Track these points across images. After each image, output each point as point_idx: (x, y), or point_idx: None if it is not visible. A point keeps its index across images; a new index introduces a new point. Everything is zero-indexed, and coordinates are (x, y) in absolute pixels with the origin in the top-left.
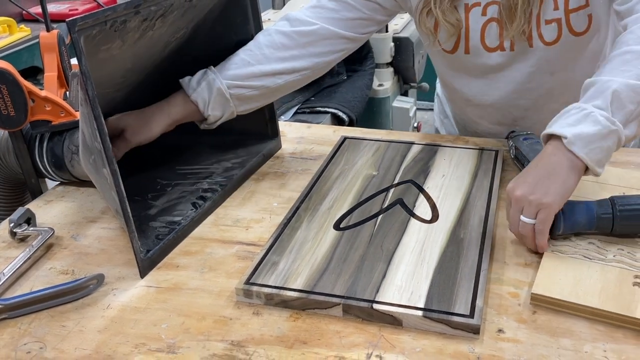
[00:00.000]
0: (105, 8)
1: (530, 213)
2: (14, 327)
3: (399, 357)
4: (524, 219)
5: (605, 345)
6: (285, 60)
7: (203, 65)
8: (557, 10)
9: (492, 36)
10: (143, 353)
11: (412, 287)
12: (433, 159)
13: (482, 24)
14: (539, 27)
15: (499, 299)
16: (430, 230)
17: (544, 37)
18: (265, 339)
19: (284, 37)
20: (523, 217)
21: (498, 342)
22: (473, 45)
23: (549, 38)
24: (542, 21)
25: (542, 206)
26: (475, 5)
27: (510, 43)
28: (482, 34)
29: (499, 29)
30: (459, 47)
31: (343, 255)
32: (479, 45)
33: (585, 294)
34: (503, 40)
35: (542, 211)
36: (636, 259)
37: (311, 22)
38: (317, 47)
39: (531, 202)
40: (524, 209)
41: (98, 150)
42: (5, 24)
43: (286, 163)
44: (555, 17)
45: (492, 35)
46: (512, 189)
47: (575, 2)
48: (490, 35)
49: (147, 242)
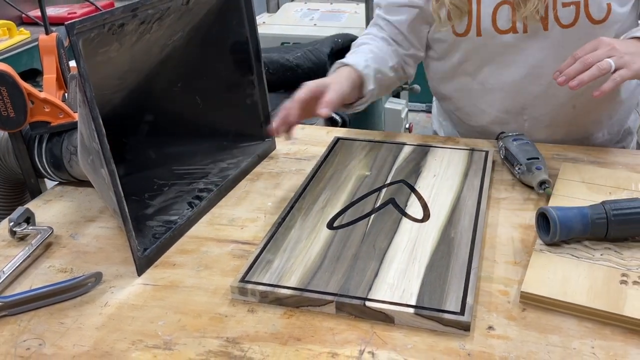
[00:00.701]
0: (103, 12)
1: (618, 62)
2: (13, 324)
3: (391, 353)
4: (610, 61)
5: (594, 342)
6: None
7: (199, 67)
8: None
9: (504, 18)
10: (140, 350)
11: (403, 285)
12: (424, 160)
13: (494, 7)
14: (556, 9)
15: (489, 297)
16: (421, 229)
17: (560, 19)
18: (259, 335)
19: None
20: (610, 60)
21: (488, 339)
22: (484, 27)
23: (565, 21)
24: (560, 3)
25: (628, 65)
26: None
27: (523, 25)
28: (494, 16)
29: (511, 11)
30: (470, 30)
31: (336, 254)
32: (490, 27)
33: (573, 292)
34: (516, 21)
35: (625, 69)
36: (623, 258)
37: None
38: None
39: (623, 55)
40: (614, 58)
41: (96, 151)
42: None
43: (280, 163)
44: (574, 0)
45: (503, 18)
46: (611, 41)
47: None
48: (501, 17)
49: (144, 240)
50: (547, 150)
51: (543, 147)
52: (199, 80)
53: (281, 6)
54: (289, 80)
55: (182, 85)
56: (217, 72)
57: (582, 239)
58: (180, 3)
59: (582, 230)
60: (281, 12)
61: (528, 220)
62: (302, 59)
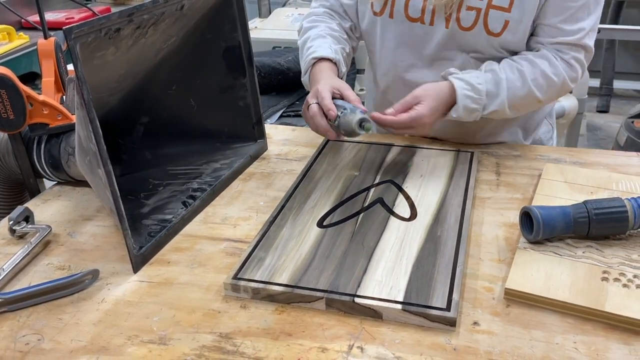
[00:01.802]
0: (100, 17)
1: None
2: (13, 319)
3: (379, 348)
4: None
5: (575, 337)
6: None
7: (193, 71)
8: (482, 0)
9: (415, 7)
10: (136, 344)
11: (391, 282)
12: (411, 160)
13: None
14: (460, 11)
15: (474, 293)
16: (409, 227)
17: (461, 21)
18: (252, 331)
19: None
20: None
21: (473, 334)
22: (397, 11)
23: (465, 23)
24: (465, 6)
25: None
26: None
27: (430, 18)
28: (407, 2)
29: (423, 1)
30: (385, 10)
31: (326, 252)
32: (402, 12)
33: (556, 289)
34: (425, 12)
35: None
36: (604, 256)
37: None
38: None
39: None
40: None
41: (93, 152)
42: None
43: (272, 164)
44: (477, 6)
45: (415, 6)
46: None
47: (499, 0)
48: (414, 4)
49: (140, 239)
50: (529, 151)
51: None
52: (193, 83)
53: (273, 11)
54: (280, 83)
55: (177, 88)
56: (211, 75)
57: (565, 237)
58: (175, 8)
59: (565, 229)
60: (273, 17)
61: (512, 219)
62: (292, 63)
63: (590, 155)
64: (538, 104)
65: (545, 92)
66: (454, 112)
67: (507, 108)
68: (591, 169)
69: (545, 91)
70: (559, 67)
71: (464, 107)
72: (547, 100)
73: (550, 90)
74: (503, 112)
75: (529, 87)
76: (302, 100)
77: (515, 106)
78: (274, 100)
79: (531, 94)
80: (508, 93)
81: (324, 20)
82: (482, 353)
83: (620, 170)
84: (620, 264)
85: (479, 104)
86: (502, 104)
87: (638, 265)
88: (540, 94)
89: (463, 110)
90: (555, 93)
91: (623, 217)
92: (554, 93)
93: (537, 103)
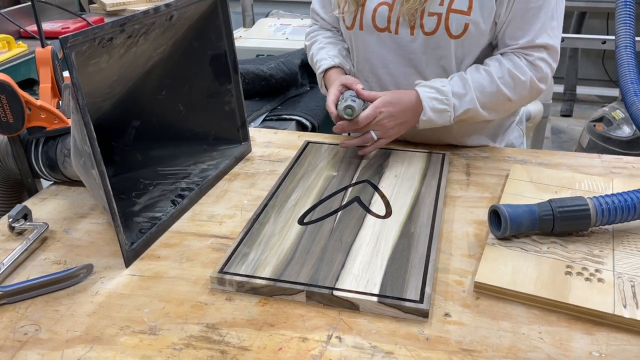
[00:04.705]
0: (94, 26)
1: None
2: (12, 311)
3: (356, 338)
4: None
5: (541, 327)
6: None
7: (181, 77)
8: (442, 6)
9: (382, 17)
10: (128, 334)
11: (368, 276)
12: (387, 161)
13: (376, 5)
14: (422, 18)
15: (445, 287)
16: (384, 225)
17: (424, 26)
18: (237, 322)
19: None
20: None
21: (445, 324)
22: (366, 22)
23: (428, 29)
24: (427, 12)
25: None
26: None
27: (395, 26)
28: (374, 13)
29: (388, 12)
30: (355, 24)
31: (306, 247)
32: (370, 23)
33: (522, 282)
34: (390, 22)
35: (384, 140)
36: (568, 251)
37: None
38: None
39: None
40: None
41: (87, 154)
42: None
43: (256, 165)
44: (438, 11)
45: (381, 16)
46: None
47: (459, 4)
48: (380, 15)
49: (132, 235)
50: (498, 152)
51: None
52: (181, 89)
53: (256, 22)
54: (263, 89)
55: (166, 94)
56: (198, 81)
57: (531, 234)
58: (164, 19)
59: (531, 226)
60: (256, 27)
61: (481, 216)
62: (275, 70)
63: (555, 157)
64: (509, 102)
65: (514, 90)
66: (423, 115)
67: (479, 106)
68: (555, 169)
69: (514, 89)
70: (524, 67)
71: (431, 109)
72: (518, 101)
73: (518, 88)
74: (476, 112)
75: (497, 85)
76: (285, 104)
77: (486, 105)
78: (258, 105)
79: (500, 92)
80: (476, 91)
81: (320, 32)
82: (453, 342)
83: (583, 171)
84: (583, 259)
85: (447, 104)
86: (473, 101)
87: (599, 260)
88: (509, 92)
89: (431, 111)
90: (525, 93)
91: (585, 215)
92: (524, 92)
93: (508, 102)
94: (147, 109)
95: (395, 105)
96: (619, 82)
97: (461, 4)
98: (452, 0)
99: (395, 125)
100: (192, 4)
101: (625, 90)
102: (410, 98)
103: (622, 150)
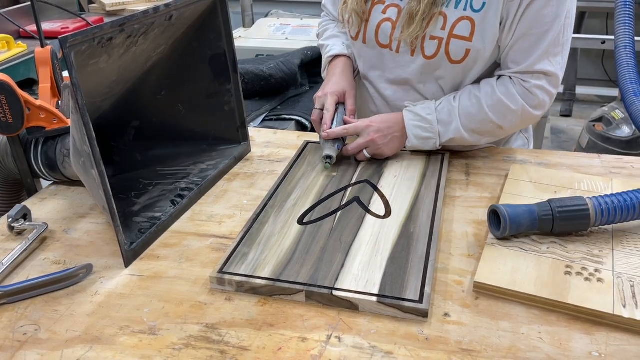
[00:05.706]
0: (94, 26)
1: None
2: (12, 311)
3: (355, 338)
4: (366, 153)
5: (540, 327)
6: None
7: (180, 77)
8: (444, 30)
9: (385, 34)
10: (127, 334)
11: (367, 276)
12: (386, 161)
13: (379, 21)
14: (424, 41)
15: (445, 286)
16: (383, 225)
17: (425, 50)
18: (236, 322)
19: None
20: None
21: (444, 324)
22: (369, 37)
23: (428, 52)
24: (428, 36)
25: (381, 154)
26: (378, 3)
27: (397, 45)
28: (377, 29)
29: (391, 29)
30: (359, 36)
31: (306, 247)
32: (373, 38)
33: (522, 282)
34: (392, 40)
35: (378, 155)
36: (567, 251)
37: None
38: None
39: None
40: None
41: (87, 154)
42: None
43: (255, 165)
44: (439, 36)
45: (384, 33)
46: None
47: (460, 30)
48: (383, 32)
49: (131, 235)
50: (497, 152)
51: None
52: (180, 89)
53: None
54: (263, 89)
55: (166, 94)
56: (197, 81)
57: (530, 234)
58: (164, 19)
59: (530, 226)
60: (256, 27)
61: (481, 216)
62: (274, 70)
63: (554, 157)
64: (499, 130)
65: (505, 118)
66: (407, 142)
67: (464, 134)
68: (555, 169)
69: (504, 118)
70: (517, 95)
71: (415, 137)
72: (510, 127)
73: (509, 117)
74: (461, 139)
75: (485, 114)
76: (284, 104)
77: (474, 131)
78: (257, 105)
79: (489, 120)
80: (462, 120)
81: (333, 23)
82: (452, 342)
83: (582, 171)
84: (582, 259)
85: (431, 132)
86: (458, 130)
87: (599, 260)
88: (499, 120)
89: (415, 139)
90: (517, 121)
91: (585, 215)
92: (516, 121)
93: (499, 129)
94: (146, 109)
95: (383, 121)
96: (618, 82)
97: (463, 30)
98: (455, 25)
99: (384, 144)
100: (192, 4)
101: (625, 90)
102: (397, 119)
103: (622, 150)
